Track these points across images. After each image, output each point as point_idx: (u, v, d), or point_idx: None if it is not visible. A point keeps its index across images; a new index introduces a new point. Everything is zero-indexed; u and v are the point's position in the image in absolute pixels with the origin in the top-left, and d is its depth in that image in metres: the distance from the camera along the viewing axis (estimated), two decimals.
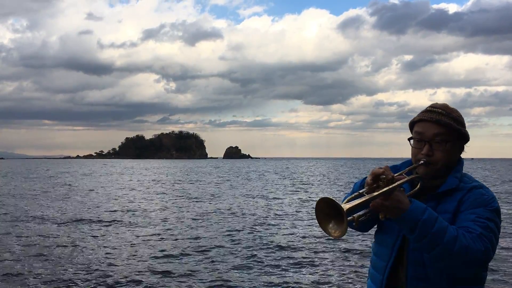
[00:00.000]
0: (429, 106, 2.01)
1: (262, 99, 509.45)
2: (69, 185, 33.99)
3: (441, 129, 1.91)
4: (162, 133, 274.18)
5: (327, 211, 1.66)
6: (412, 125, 2.02)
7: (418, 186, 1.92)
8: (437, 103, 2.02)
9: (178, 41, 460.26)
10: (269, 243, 11.28)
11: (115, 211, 17.70)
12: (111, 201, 21.93)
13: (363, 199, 1.68)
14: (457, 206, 1.86)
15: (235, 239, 11.88)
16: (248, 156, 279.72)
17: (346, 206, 1.62)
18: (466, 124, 1.97)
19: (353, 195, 1.74)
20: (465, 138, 1.97)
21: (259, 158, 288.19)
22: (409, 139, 2.01)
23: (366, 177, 1.87)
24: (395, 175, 1.78)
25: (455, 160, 1.98)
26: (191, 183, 36.92)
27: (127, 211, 17.92)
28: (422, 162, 1.92)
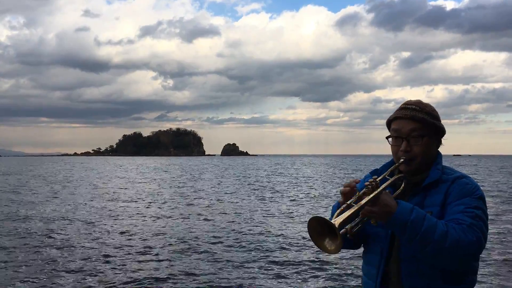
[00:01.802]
0: (403, 104, 2.06)
1: (260, 96, 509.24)
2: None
3: (416, 125, 1.96)
4: (159, 131, 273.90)
5: (319, 229, 1.69)
6: (389, 123, 2.07)
7: (403, 185, 1.96)
8: (410, 100, 2.08)
9: (175, 38, 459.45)
10: (256, 246, 11.13)
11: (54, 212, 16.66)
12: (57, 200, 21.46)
13: (352, 210, 1.71)
14: (444, 198, 1.89)
15: (219, 241, 11.63)
16: (246, 153, 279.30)
17: (337, 221, 1.65)
18: (463, 121, 1.97)
19: (342, 208, 1.76)
20: (441, 131, 2.03)
21: (257, 155, 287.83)
22: (387, 138, 2.06)
23: None
24: (378, 178, 1.82)
25: (434, 154, 2.02)
26: (173, 181, 36.74)
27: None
28: (402, 160, 1.96)
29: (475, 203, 1.84)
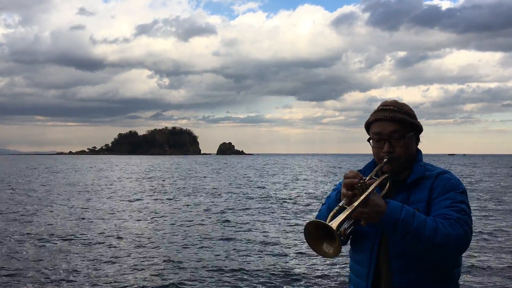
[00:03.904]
0: (381, 105, 2.07)
1: (256, 95, 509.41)
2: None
3: (396, 126, 1.99)
4: (155, 129, 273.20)
5: (315, 233, 1.68)
6: (368, 126, 2.09)
7: (388, 185, 1.98)
8: (387, 101, 2.09)
9: (171, 37, 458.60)
10: (242, 248, 10.96)
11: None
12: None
13: (346, 212, 1.71)
14: (429, 194, 1.93)
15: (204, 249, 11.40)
16: (242, 152, 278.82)
17: (334, 224, 1.64)
18: (459, 121, 1.94)
19: (335, 210, 1.76)
20: (419, 129, 2.06)
21: (252, 154, 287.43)
22: (368, 140, 2.08)
23: (338, 190, 1.98)
24: (366, 179, 1.84)
25: (414, 151, 2.06)
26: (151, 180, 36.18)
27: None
28: (385, 160, 1.98)
29: (459, 197, 1.89)
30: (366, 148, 2.07)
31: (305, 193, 24.11)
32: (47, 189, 26.12)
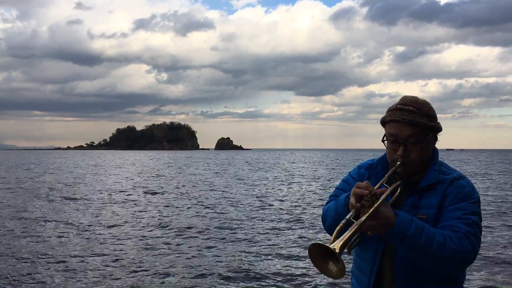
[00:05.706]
0: (399, 104, 1.93)
1: (254, 90, 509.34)
2: None
3: (414, 130, 1.86)
4: (153, 124, 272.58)
5: (320, 252, 1.63)
6: (383, 122, 1.97)
7: (399, 190, 1.90)
8: (406, 98, 1.94)
9: (169, 32, 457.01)
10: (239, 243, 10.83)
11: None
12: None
13: (353, 229, 1.65)
14: (441, 200, 1.86)
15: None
16: (240, 147, 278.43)
17: (338, 244, 1.60)
18: (457, 116, 1.85)
19: (341, 224, 1.69)
20: (438, 130, 1.96)
21: (251, 149, 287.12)
22: (382, 140, 1.97)
23: (348, 194, 1.84)
24: (375, 187, 1.78)
25: (430, 153, 1.97)
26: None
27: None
28: (398, 163, 1.89)
29: (472, 208, 1.82)
30: (364, 143, 1.99)
31: (301, 191, 24.00)
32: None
